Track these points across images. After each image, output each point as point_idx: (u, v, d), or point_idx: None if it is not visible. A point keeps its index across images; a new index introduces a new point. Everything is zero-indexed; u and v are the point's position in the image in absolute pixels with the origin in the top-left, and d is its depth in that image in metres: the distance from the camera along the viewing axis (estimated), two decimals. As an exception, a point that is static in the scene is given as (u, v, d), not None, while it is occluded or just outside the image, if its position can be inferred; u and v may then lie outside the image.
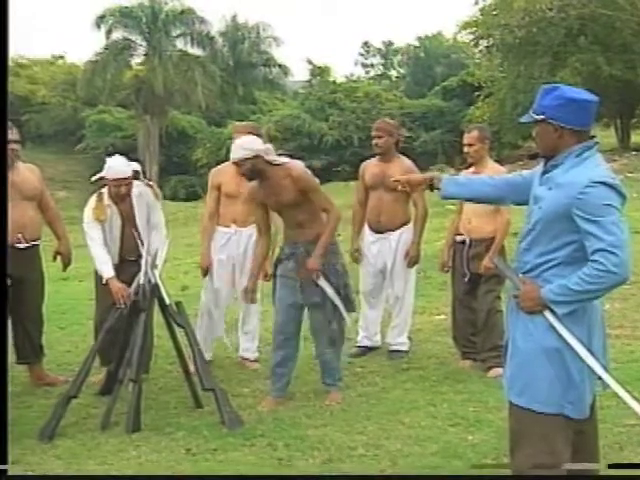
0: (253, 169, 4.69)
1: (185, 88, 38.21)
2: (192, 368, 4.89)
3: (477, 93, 28.22)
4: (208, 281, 5.69)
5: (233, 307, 6.11)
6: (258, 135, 5.11)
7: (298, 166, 4.80)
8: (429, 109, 35.49)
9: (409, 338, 5.98)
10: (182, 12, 39.60)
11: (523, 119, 3.13)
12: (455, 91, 34.33)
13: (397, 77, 56.44)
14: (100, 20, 38.86)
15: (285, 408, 4.86)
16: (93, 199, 5.28)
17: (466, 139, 5.45)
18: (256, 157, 4.65)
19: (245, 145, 4.70)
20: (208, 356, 5.71)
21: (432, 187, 3.50)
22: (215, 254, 5.64)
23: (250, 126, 5.83)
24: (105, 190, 5.23)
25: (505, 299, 3.43)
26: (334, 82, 40.69)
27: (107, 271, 5.18)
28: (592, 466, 3.11)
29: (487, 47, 29.05)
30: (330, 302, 4.81)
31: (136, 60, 40.90)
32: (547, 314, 2.93)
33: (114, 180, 5.16)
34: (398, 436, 4.34)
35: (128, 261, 5.28)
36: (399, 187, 3.63)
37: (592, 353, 2.93)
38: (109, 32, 39.23)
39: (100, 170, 5.23)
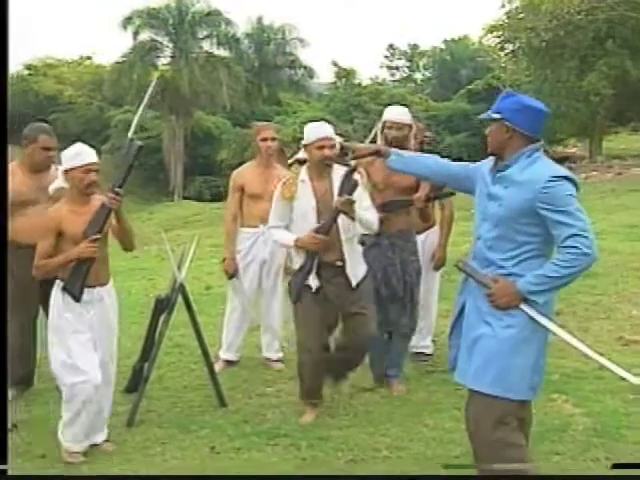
0: (404, 139, 4.84)
1: (210, 89, 38.40)
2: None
3: (503, 97, 28.08)
4: (235, 283, 5.68)
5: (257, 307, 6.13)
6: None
7: None
8: (454, 112, 35.44)
9: (433, 341, 5.97)
10: (208, 14, 39.82)
11: (482, 116, 3.36)
12: (480, 94, 34.23)
13: (422, 80, 56.39)
14: (127, 21, 39.18)
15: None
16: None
17: None
18: (410, 127, 4.89)
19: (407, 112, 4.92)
20: (234, 357, 5.75)
21: (380, 156, 3.83)
22: (241, 257, 5.63)
23: (271, 126, 5.84)
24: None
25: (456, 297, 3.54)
26: (359, 84, 40.74)
27: (289, 237, 4.59)
28: (525, 466, 3.23)
29: (513, 50, 28.98)
30: (409, 295, 4.94)
31: (162, 61, 41.21)
32: (523, 306, 3.12)
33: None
34: (422, 438, 4.35)
35: None
36: (349, 158, 4.06)
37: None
38: (136, 33, 39.55)
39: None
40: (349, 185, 4.35)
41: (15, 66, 45.85)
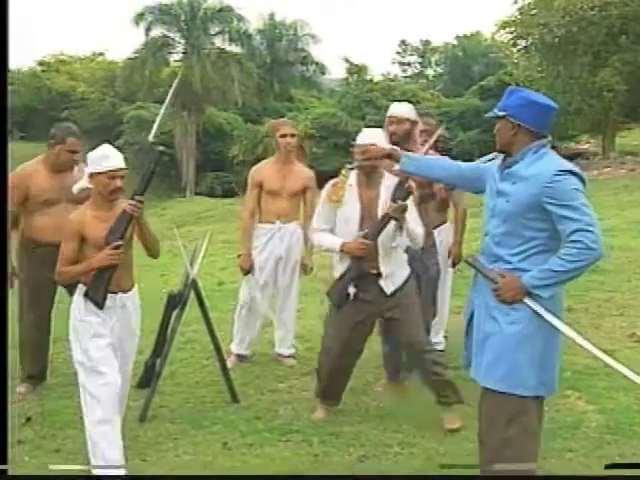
0: (405, 134, 4.85)
1: (222, 85, 38.41)
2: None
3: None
4: (250, 278, 5.67)
5: (270, 304, 6.13)
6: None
7: None
8: (466, 108, 35.33)
9: (445, 337, 5.97)
10: (220, 10, 39.83)
11: (488, 114, 3.35)
12: (492, 91, 34.09)
13: (434, 76, 56.22)
14: (139, 18, 39.23)
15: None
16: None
17: None
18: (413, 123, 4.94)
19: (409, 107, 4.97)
20: (245, 351, 5.76)
21: (392, 159, 3.81)
22: (257, 253, 5.63)
23: (287, 123, 5.84)
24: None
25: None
26: (371, 80, 40.65)
27: (335, 241, 4.48)
28: (529, 466, 3.23)
29: (526, 47, 28.87)
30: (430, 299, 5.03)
31: (174, 57, 41.25)
32: (528, 301, 3.13)
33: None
34: (433, 435, 4.35)
35: None
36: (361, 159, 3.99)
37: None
38: (148, 29, 39.59)
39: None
40: (402, 192, 4.27)
41: (28, 62, 46.05)
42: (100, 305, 3.92)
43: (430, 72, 57.77)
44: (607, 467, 3.50)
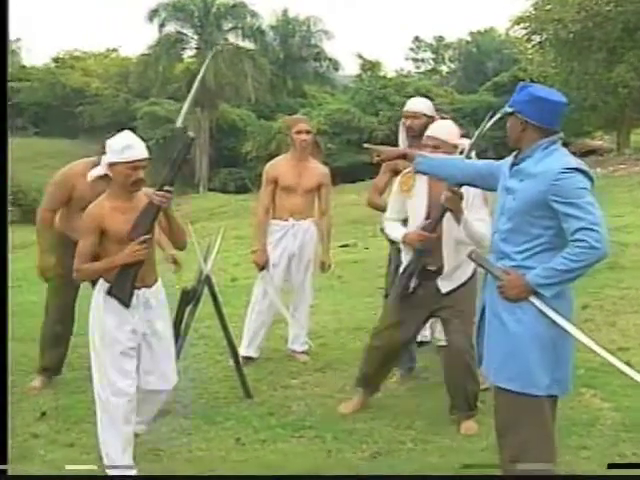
0: (421, 129, 4.74)
1: (235, 81, 38.52)
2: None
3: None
4: (264, 275, 5.65)
5: (285, 299, 6.13)
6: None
7: None
8: (480, 105, 35.19)
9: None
10: (234, 6, 39.93)
11: (499, 112, 3.38)
12: (506, 87, 33.94)
13: (448, 72, 56.12)
14: (153, 14, 39.41)
15: (334, 401, 4.88)
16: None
17: None
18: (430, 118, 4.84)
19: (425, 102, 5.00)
20: (254, 354, 5.70)
21: (406, 159, 3.79)
22: (271, 249, 5.61)
23: (302, 120, 5.85)
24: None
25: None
26: (384, 77, 40.67)
27: (400, 232, 4.42)
28: (547, 466, 3.18)
29: (540, 42, 28.71)
30: None
31: (188, 53, 41.41)
32: (533, 299, 3.10)
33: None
34: (447, 432, 4.34)
35: None
36: (375, 159, 3.88)
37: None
38: (162, 26, 39.78)
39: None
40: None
41: (43, 59, 46.22)
42: (127, 304, 3.70)
43: (444, 68, 57.69)
44: (610, 467, 3.48)
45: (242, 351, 5.52)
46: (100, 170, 3.74)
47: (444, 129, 4.39)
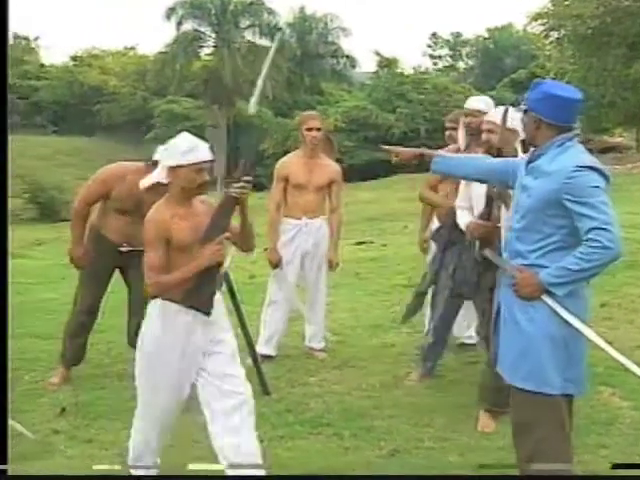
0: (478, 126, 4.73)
1: (253, 79, 38.49)
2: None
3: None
4: (278, 273, 5.66)
5: (300, 297, 6.14)
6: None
7: None
8: (498, 102, 34.78)
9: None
10: (251, 3, 39.97)
11: (515, 109, 3.43)
12: (524, 83, 33.77)
13: (465, 69, 55.94)
14: (171, 12, 39.51)
15: (352, 398, 4.88)
16: None
17: None
18: None
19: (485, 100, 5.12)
20: (272, 352, 5.68)
21: (423, 161, 3.74)
22: (284, 247, 5.60)
23: (314, 116, 5.79)
24: None
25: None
26: (402, 74, 40.56)
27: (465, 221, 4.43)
28: (564, 466, 3.16)
29: (558, 38, 28.57)
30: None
31: (205, 51, 41.51)
32: (546, 298, 3.07)
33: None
34: (465, 429, 4.33)
35: None
36: (393, 159, 3.87)
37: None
38: (179, 24, 39.88)
39: None
40: None
41: (61, 57, 46.49)
42: (208, 313, 3.43)
43: (461, 65, 57.52)
44: (614, 466, 3.46)
45: (260, 349, 5.48)
46: (156, 177, 3.47)
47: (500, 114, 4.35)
